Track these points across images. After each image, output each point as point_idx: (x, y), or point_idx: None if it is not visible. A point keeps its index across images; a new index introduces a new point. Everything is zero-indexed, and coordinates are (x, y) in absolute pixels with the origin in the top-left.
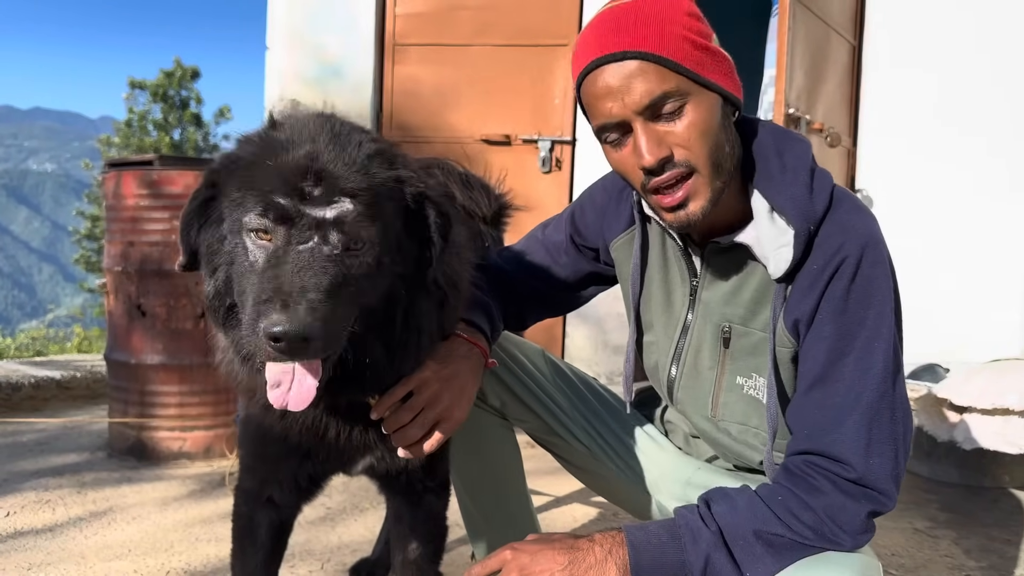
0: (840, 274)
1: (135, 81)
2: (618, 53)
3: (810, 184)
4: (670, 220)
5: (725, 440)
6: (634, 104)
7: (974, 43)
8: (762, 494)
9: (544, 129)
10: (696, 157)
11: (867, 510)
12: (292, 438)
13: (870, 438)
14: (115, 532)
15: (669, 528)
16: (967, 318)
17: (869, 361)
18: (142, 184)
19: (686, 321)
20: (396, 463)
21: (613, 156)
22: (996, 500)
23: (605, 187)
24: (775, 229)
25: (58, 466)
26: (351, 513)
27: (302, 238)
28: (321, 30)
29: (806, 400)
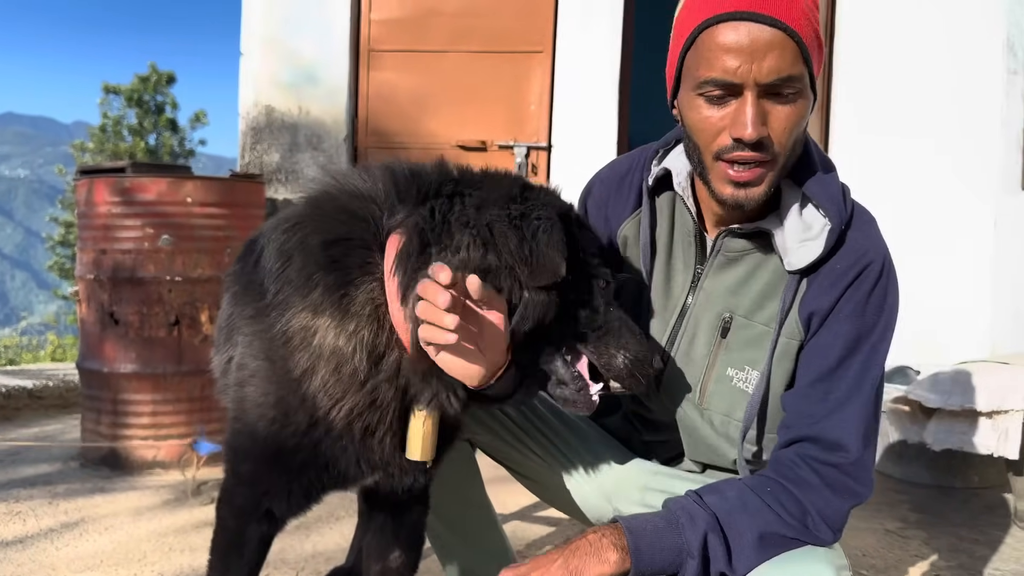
0: (864, 277)
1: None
2: (767, 17)
3: (842, 190)
4: (728, 194)
5: (706, 431)
6: (761, 74)
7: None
8: (750, 484)
9: (520, 135)
10: (783, 148)
11: (850, 503)
12: (330, 445)
13: (867, 428)
14: (87, 543)
15: (664, 516)
16: (937, 321)
17: (872, 361)
18: (114, 191)
19: (684, 305)
20: (405, 481)
21: (702, 111)
22: (966, 500)
23: (603, 180)
24: (801, 223)
25: (30, 477)
26: (326, 521)
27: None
28: (296, 35)
29: (811, 391)
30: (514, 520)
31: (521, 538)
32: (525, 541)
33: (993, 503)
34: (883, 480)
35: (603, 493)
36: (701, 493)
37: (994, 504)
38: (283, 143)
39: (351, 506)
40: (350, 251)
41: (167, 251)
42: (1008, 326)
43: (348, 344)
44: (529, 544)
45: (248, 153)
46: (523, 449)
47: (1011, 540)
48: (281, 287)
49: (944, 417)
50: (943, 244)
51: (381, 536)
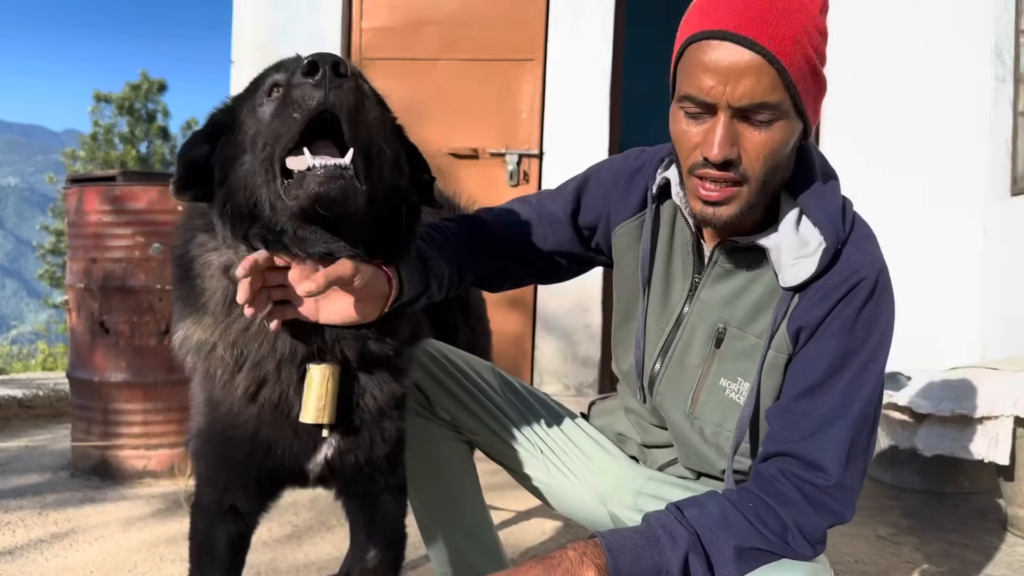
0: (855, 293)
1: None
2: (746, 39)
3: (842, 206)
4: (697, 209)
5: (695, 439)
6: (733, 97)
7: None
8: (732, 499)
9: (511, 143)
10: (754, 172)
11: (829, 522)
12: (257, 428)
13: (850, 451)
14: (77, 554)
15: (643, 532)
16: (927, 327)
17: (862, 380)
18: (105, 200)
19: (680, 315)
20: (358, 447)
21: (681, 125)
22: (957, 506)
23: (614, 168)
24: (798, 240)
25: (19, 487)
26: (318, 531)
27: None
28: (287, 44)
29: (794, 405)
30: (510, 526)
31: (515, 545)
32: (520, 548)
33: (984, 508)
34: (875, 486)
35: (598, 496)
36: (682, 507)
37: (985, 509)
38: None
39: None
40: (191, 249)
41: (158, 260)
42: (998, 331)
43: (209, 334)
44: (524, 552)
45: None
46: (520, 451)
47: (1002, 545)
48: (174, 302)
49: (935, 423)
50: (933, 250)
51: (358, 537)
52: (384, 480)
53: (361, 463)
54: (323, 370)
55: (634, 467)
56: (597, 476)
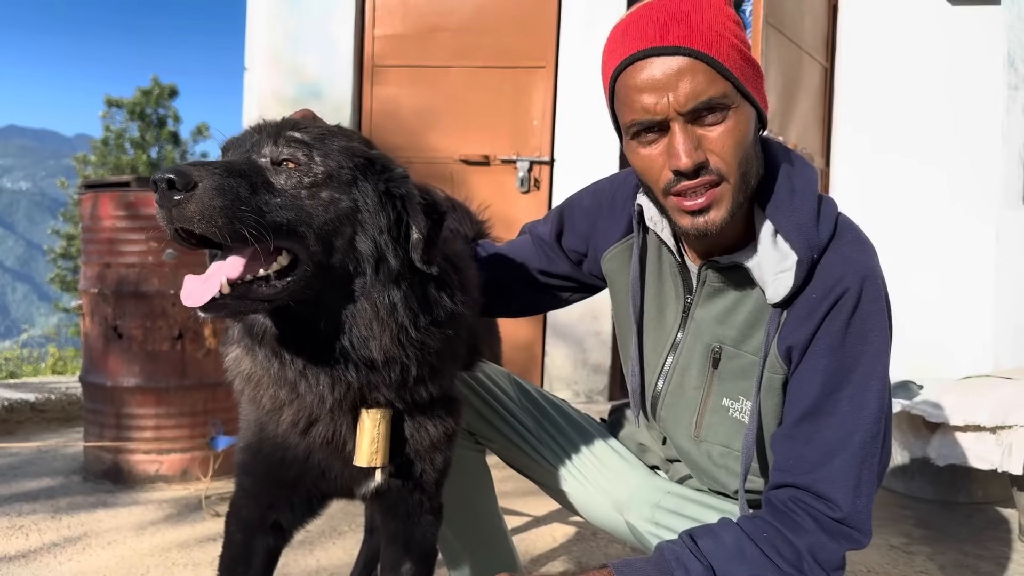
0: (839, 307)
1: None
2: (669, 47)
3: (816, 211)
4: (687, 225)
5: (704, 462)
6: (679, 103)
7: (938, 66)
8: (747, 529)
9: (523, 150)
10: (728, 167)
11: (846, 549)
12: (311, 456)
13: (859, 479)
14: (90, 558)
15: (656, 563)
16: (941, 335)
17: (863, 399)
18: (119, 205)
19: (676, 338)
20: (410, 477)
21: (640, 153)
22: (970, 515)
23: (596, 193)
24: (777, 253)
25: (32, 491)
26: (329, 536)
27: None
28: (300, 51)
29: (795, 431)
30: (523, 532)
31: (527, 552)
32: (531, 555)
33: (997, 518)
34: (887, 495)
35: (615, 505)
36: (696, 537)
37: (998, 519)
38: None
39: (354, 521)
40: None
41: (171, 265)
42: (1011, 340)
43: (259, 368)
44: (534, 559)
45: None
46: (537, 458)
47: (1016, 555)
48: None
49: (948, 432)
50: (945, 259)
51: (393, 548)
52: (429, 503)
53: (411, 489)
54: (374, 415)
55: (653, 479)
56: (614, 485)
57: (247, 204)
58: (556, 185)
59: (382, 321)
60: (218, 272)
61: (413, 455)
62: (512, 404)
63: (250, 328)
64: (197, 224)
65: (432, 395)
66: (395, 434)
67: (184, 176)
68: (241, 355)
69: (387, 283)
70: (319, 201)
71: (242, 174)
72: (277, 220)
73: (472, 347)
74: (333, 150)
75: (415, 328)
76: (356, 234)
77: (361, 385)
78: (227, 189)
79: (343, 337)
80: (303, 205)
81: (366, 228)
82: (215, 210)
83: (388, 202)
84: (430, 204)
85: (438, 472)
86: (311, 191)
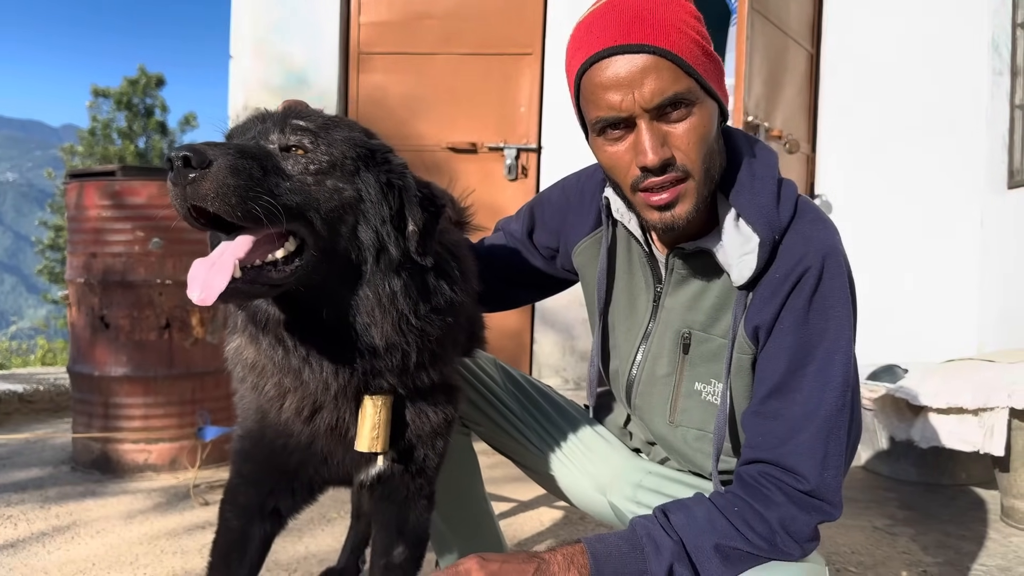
0: (802, 284)
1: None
2: (634, 45)
3: (777, 194)
4: (655, 220)
5: (681, 446)
6: (644, 100)
7: (923, 51)
8: (718, 504)
9: (510, 137)
10: (693, 163)
11: (817, 520)
12: (314, 443)
13: (827, 451)
14: (79, 547)
15: (629, 539)
16: (925, 319)
17: (828, 373)
18: (104, 195)
19: (648, 327)
20: (411, 463)
21: (607, 150)
22: (953, 497)
23: (564, 188)
24: (740, 237)
25: (21, 481)
26: (318, 523)
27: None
28: (286, 39)
29: (763, 408)
30: (510, 516)
31: (513, 537)
32: (518, 539)
33: (979, 500)
34: (871, 477)
35: (597, 486)
36: (668, 512)
37: (980, 501)
38: None
39: (343, 507)
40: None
41: (158, 254)
42: (994, 324)
43: (264, 357)
44: (521, 544)
45: None
46: (521, 440)
47: (997, 536)
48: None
49: (931, 415)
50: (930, 243)
51: (386, 532)
52: (427, 488)
53: (410, 476)
54: (376, 401)
55: (635, 459)
56: (597, 467)
57: (260, 185)
58: (543, 172)
59: (384, 308)
60: (228, 253)
61: (415, 441)
62: (498, 389)
63: (254, 316)
64: (211, 202)
65: (433, 381)
66: (396, 421)
67: (200, 154)
68: (244, 344)
69: (388, 272)
70: (325, 188)
71: (254, 156)
72: (287, 203)
73: (471, 334)
74: (337, 140)
75: (415, 315)
76: (359, 223)
77: (364, 371)
78: (241, 169)
79: (346, 324)
80: (311, 191)
81: (368, 218)
82: (229, 188)
83: (389, 192)
84: (427, 197)
85: (439, 458)
86: (317, 178)
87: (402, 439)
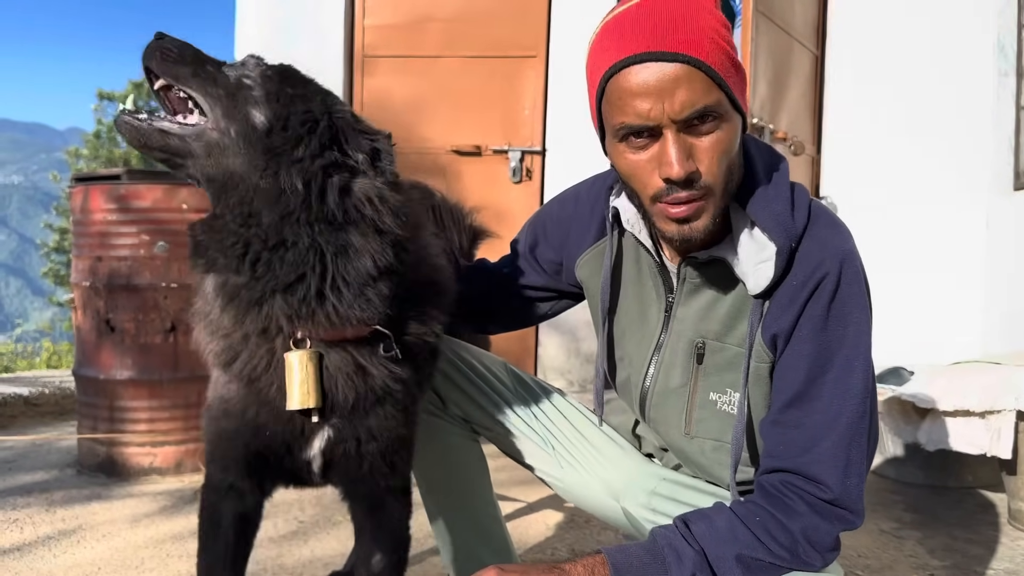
0: (820, 291)
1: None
2: (668, 53)
3: (791, 200)
4: (672, 232)
5: (698, 458)
6: (674, 111)
7: (929, 52)
8: (739, 514)
9: (514, 140)
10: (715, 177)
11: (839, 530)
12: (245, 407)
13: (848, 459)
14: (85, 550)
15: (650, 549)
16: (930, 321)
17: (848, 381)
18: (110, 199)
19: (660, 338)
20: (352, 437)
21: (628, 158)
22: (960, 500)
23: (563, 202)
24: (755, 245)
25: (26, 484)
26: (324, 527)
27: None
28: (291, 43)
29: (783, 417)
30: (516, 518)
31: (520, 541)
32: (526, 544)
33: (987, 503)
34: (878, 480)
35: (611, 492)
36: (689, 522)
37: (988, 504)
38: None
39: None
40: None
41: (163, 258)
42: (1000, 326)
43: (205, 304)
44: (528, 547)
45: None
46: (531, 444)
47: (1005, 539)
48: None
49: (938, 417)
50: (936, 245)
51: (363, 540)
52: (385, 481)
53: (359, 456)
54: (300, 356)
55: (648, 465)
56: (609, 472)
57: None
58: (548, 175)
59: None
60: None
61: (355, 402)
62: (507, 392)
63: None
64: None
65: (358, 321)
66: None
67: (162, 34)
68: (198, 300)
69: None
70: (241, 94)
71: (199, 54)
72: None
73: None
74: (282, 89)
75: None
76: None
77: (278, 315)
78: (180, 44)
79: (261, 267)
80: (227, 84)
81: (281, 157)
82: (161, 47)
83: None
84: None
85: (385, 437)
86: (239, 90)
87: (341, 400)
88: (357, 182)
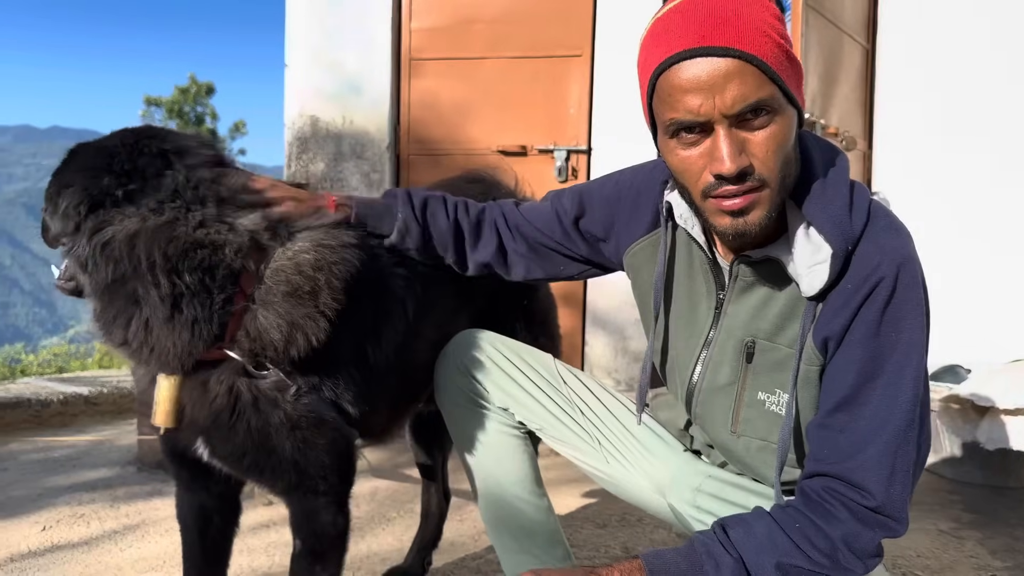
0: (875, 295)
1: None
2: (717, 48)
3: (849, 201)
4: (726, 226)
5: (744, 456)
6: (725, 106)
7: (988, 43)
8: (779, 519)
9: (559, 139)
10: (771, 171)
11: (881, 537)
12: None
13: (894, 467)
14: (149, 544)
15: (687, 555)
16: (988, 319)
17: (898, 387)
18: None
19: (709, 334)
20: (224, 450)
21: (679, 154)
22: (1021, 500)
23: (619, 183)
24: (811, 246)
25: (91, 481)
26: (378, 523)
27: None
28: (339, 47)
29: (830, 421)
30: (568, 517)
31: (571, 541)
32: (576, 543)
33: None
34: (935, 480)
35: (656, 487)
36: (727, 527)
37: None
38: (328, 152)
39: (403, 507)
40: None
41: None
42: None
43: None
44: (580, 546)
45: (294, 162)
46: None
47: None
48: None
49: (997, 416)
50: (992, 240)
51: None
52: (281, 485)
53: (240, 466)
54: (165, 380)
55: (694, 462)
56: (656, 468)
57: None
58: (594, 173)
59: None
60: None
61: (214, 420)
62: (553, 386)
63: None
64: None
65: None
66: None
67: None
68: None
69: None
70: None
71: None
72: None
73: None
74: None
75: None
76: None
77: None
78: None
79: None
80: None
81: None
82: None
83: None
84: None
85: (258, 446)
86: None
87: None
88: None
